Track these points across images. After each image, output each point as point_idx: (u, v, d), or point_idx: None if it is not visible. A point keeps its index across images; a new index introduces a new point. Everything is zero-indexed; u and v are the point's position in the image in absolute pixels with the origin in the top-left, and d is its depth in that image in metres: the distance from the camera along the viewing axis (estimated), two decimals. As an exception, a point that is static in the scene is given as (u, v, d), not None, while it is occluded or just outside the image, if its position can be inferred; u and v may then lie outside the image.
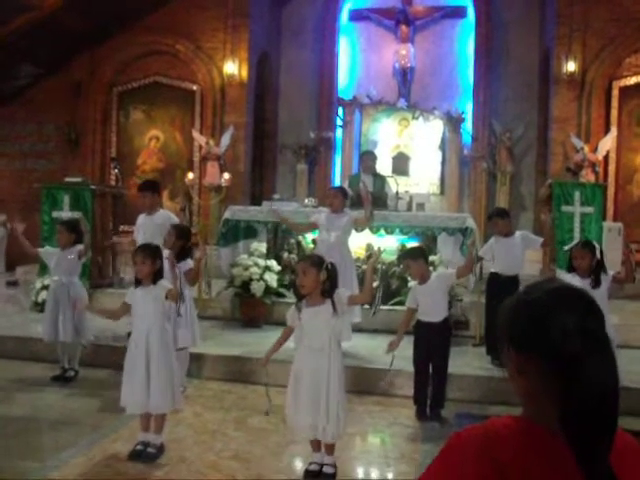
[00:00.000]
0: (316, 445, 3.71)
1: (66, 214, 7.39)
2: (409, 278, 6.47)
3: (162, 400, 3.82)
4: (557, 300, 1.17)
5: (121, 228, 8.45)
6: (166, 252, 4.34)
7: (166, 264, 4.15)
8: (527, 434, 1.15)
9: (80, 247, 5.48)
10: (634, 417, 4.41)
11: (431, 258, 5.86)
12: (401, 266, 6.85)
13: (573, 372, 1.10)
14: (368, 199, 5.75)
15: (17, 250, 9.33)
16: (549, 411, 1.13)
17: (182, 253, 4.91)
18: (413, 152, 11.88)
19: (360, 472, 3.90)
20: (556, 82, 10.38)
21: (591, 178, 9.61)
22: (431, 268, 5.20)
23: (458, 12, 12.15)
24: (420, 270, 4.66)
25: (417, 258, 4.68)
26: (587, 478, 1.07)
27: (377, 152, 11.55)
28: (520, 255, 5.79)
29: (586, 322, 1.14)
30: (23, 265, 9.08)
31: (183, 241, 5.02)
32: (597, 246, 4.94)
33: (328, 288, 3.63)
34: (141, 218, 5.89)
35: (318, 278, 3.59)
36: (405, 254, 5.04)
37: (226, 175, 7.24)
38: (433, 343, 4.57)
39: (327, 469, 3.63)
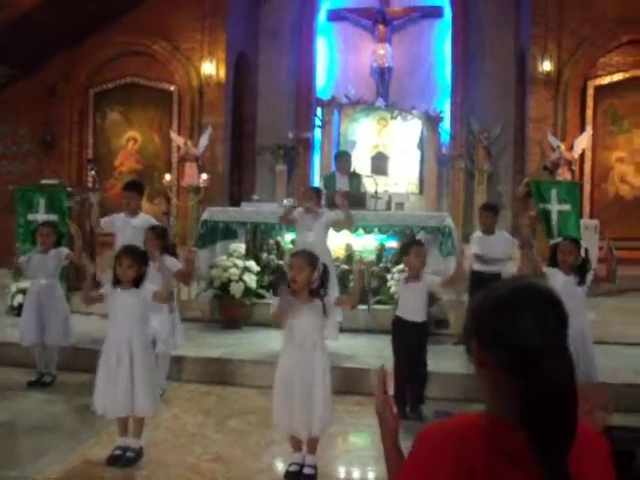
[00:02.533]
0: (297, 445, 3.70)
1: (42, 216, 7.28)
2: (392, 273, 6.49)
3: (145, 403, 3.78)
4: (520, 298, 1.19)
5: (98, 230, 8.34)
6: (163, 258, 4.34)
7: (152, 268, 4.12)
8: (491, 432, 1.16)
9: (66, 251, 5.42)
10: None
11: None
12: (381, 260, 6.89)
13: (531, 369, 1.12)
14: (344, 205, 5.75)
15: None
16: (510, 407, 1.15)
17: (163, 253, 4.89)
18: (392, 152, 11.92)
19: (341, 472, 3.90)
20: (532, 81, 10.48)
21: (567, 176, 9.72)
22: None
23: (435, 12, 12.23)
24: (423, 262, 4.65)
25: (424, 250, 4.69)
26: (546, 474, 1.09)
27: (356, 152, 11.62)
28: (502, 252, 5.84)
29: (547, 321, 1.16)
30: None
31: (162, 241, 4.99)
32: (582, 244, 4.99)
33: (317, 288, 3.63)
34: (119, 219, 5.80)
35: (311, 277, 3.58)
36: (420, 242, 5.01)
37: (204, 176, 7.21)
38: (412, 342, 4.58)
39: (307, 470, 3.62)
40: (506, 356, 1.17)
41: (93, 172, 8.74)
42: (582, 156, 10.21)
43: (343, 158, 7.62)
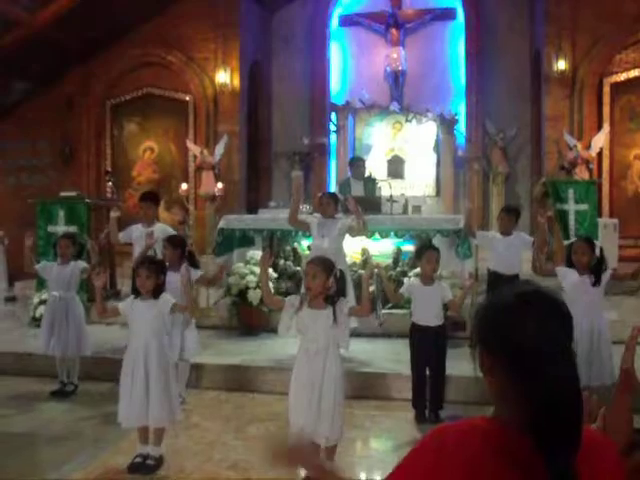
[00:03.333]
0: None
1: (61, 228, 7.41)
2: (410, 275, 6.47)
3: (160, 413, 3.81)
4: (523, 303, 1.20)
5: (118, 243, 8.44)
6: (182, 269, 4.38)
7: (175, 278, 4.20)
8: (496, 436, 1.17)
9: (83, 264, 5.49)
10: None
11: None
12: (397, 264, 6.88)
13: (534, 374, 1.13)
14: (357, 210, 5.75)
15: (17, 265, 9.40)
16: (516, 411, 1.15)
17: (182, 262, 4.96)
18: (407, 155, 11.90)
19: (360, 477, 3.90)
20: (547, 81, 10.41)
21: (585, 175, 9.62)
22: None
23: (448, 14, 12.19)
24: (434, 268, 4.66)
25: (439, 255, 4.70)
26: (553, 479, 1.09)
27: (372, 156, 11.65)
28: (518, 254, 5.81)
29: (548, 326, 1.16)
30: (21, 280, 9.08)
31: (179, 250, 5.05)
32: (597, 243, 4.96)
33: (332, 295, 3.64)
34: (137, 230, 5.88)
35: (326, 283, 3.59)
36: (431, 246, 5.02)
37: (219, 184, 7.26)
38: (430, 347, 4.57)
39: (326, 476, 3.62)
40: (511, 361, 1.17)
41: (110, 183, 8.83)
42: (600, 154, 10.10)
43: (357, 164, 7.63)
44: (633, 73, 10.07)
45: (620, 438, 1.47)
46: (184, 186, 7.33)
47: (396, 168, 11.81)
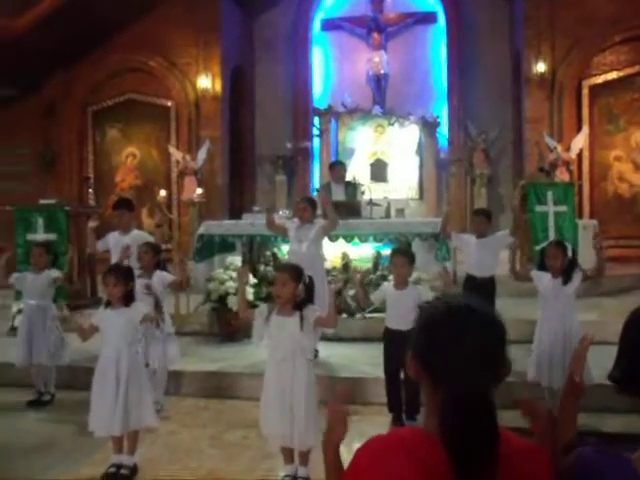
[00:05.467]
0: (288, 456, 3.71)
1: (41, 236, 7.35)
2: (390, 279, 6.47)
3: (127, 422, 3.78)
4: (450, 317, 1.22)
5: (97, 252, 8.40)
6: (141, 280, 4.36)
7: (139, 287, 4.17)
8: (414, 446, 1.18)
9: (55, 273, 5.46)
10: (610, 413, 4.48)
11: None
12: (377, 268, 6.89)
13: (446, 386, 1.15)
14: (328, 203, 5.79)
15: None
16: (434, 418, 1.17)
17: (154, 269, 4.98)
18: (390, 158, 11.96)
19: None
20: (527, 83, 10.50)
21: (565, 177, 9.70)
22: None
23: (429, 18, 12.28)
24: (406, 272, 4.66)
25: (409, 259, 4.69)
26: None
27: (355, 160, 11.68)
28: (493, 256, 5.81)
29: (470, 340, 1.18)
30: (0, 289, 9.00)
31: (157, 257, 5.07)
32: (568, 245, 4.99)
33: (300, 302, 3.64)
34: (113, 237, 5.87)
35: (295, 291, 3.60)
36: (398, 251, 5.01)
37: (198, 190, 7.25)
38: (403, 350, 4.57)
39: (300, 482, 3.63)
40: (430, 371, 1.20)
41: (91, 190, 8.79)
42: (580, 156, 10.20)
43: (337, 167, 7.64)
44: (611, 75, 10.18)
45: (565, 438, 1.49)
46: (162, 192, 7.30)
47: (379, 171, 11.86)
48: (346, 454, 4.04)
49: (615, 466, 1.20)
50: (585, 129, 10.11)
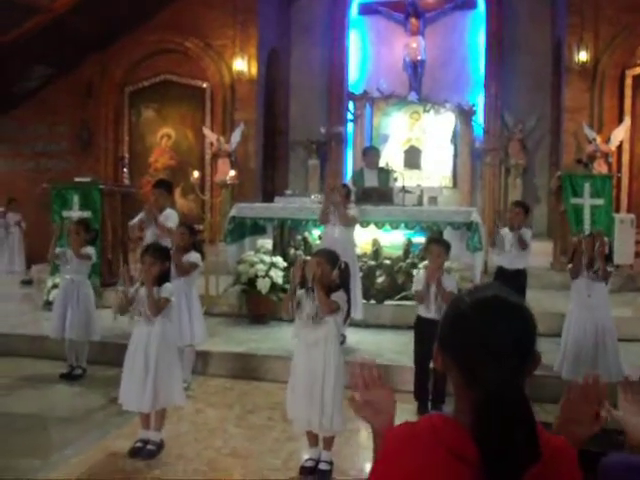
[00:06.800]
0: (313, 440, 3.73)
1: (76, 213, 7.49)
2: (420, 267, 6.43)
3: (156, 398, 3.84)
4: (477, 309, 1.20)
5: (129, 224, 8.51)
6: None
7: None
8: (444, 433, 1.17)
9: (92, 250, 5.56)
10: None
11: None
12: (408, 255, 6.85)
13: (475, 377, 1.13)
14: (338, 202, 5.74)
15: (34, 248, 9.53)
16: (466, 412, 1.15)
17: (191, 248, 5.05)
18: (425, 145, 11.84)
19: (357, 469, 3.90)
20: (568, 72, 10.26)
21: (604, 169, 9.49)
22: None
23: (468, 3, 12.06)
24: (442, 261, 4.63)
25: (445, 248, 4.66)
26: None
27: (389, 146, 11.60)
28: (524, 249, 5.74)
29: (497, 331, 1.16)
30: (38, 264, 9.21)
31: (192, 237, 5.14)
32: (606, 239, 4.89)
33: (334, 287, 3.63)
34: (142, 215, 5.93)
35: (330, 275, 3.59)
36: (436, 240, 4.98)
37: (232, 172, 7.27)
38: (433, 340, 4.54)
39: (322, 466, 3.64)
40: (459, 362, 1.18)
41: (125, 169, 8.89)
42: (620, 148, 9.95)
43: (371, 153, 7.58)
44: (656, 65, 9.88)
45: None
46: (196, 174, 7.33)
47: (413, 158, 11.76)
48: (369, 441, 4.03)
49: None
50: (627, 120, 9.85)
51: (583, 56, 10.02)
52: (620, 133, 9.81)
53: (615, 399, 1.60)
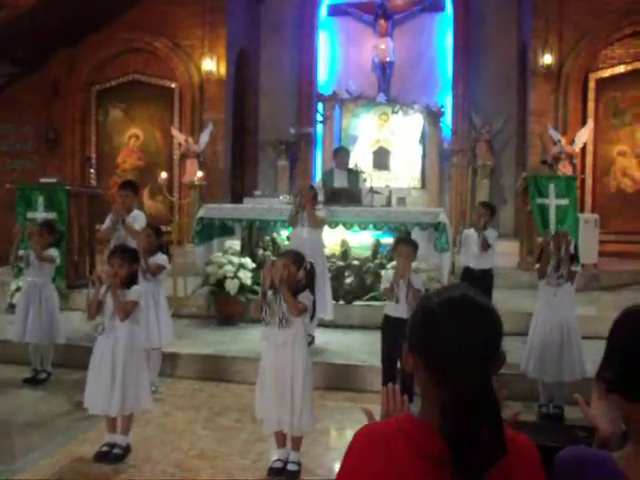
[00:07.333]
0: (281, 440, 3.73)
1: (41, 215, 7.36)
2: (388, 267, 6.46)
3: (123, 402, 3.80)
4: (445, 309, 1.21)
5: (97, 227, 8.39)
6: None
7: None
8: (414, 436, 1.18)
9: (56, 253, 5.48)
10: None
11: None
12: (376, 256, 6.89)
13: (444, 377, 1.14)
14: (309, 204, 5.76)
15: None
16: (434, 413, 1.17)
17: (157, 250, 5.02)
18: (393, 146, 11.92)
19: (326, 469, 3.91)
20: (533, 75, 10.42)
21: (568, 170, 9.66)
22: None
23: (436, 6, 12.19)
24: (410, 262, 4.65)
25: (414, 249, 4.69)
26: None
27: (358, 147, 11.64)
28: (490, 249, 5.82)
29: (465, 332, 1.17)
30: (0, 267, 9.02)
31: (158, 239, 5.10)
32: (570, 239, 4.97)
33: (301, 287, 3.64)
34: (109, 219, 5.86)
35: (295, 276, 3.60)
36: (404, 240, 5.01)
37: (199, 173, 7.23)
38: (401, 339, 4.58)
39: (291, 466, 3.65)
40: (427, 362, 1.19)
41: (92, 170, 8.77)
42: (584, 150, 10.14)
43: (342, 153, 7.61)
44: (618, 69, 10.10)
45: None
46: (164, 175, 7.27)
47: (381, 159, 11.82)
48: (337, 441, 4.05)
49: (595, 466, 1.20)
50: (590, 123, 10.05)
51: (548, 59, 10.19)
52: (584, 135, 10.00)
53: (586, 397, 1.63)
